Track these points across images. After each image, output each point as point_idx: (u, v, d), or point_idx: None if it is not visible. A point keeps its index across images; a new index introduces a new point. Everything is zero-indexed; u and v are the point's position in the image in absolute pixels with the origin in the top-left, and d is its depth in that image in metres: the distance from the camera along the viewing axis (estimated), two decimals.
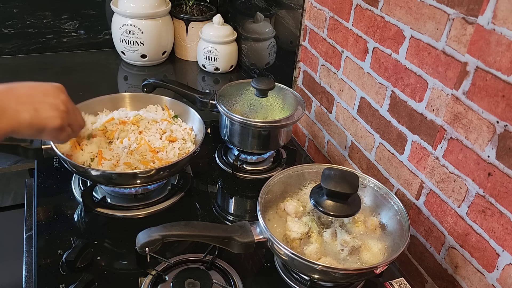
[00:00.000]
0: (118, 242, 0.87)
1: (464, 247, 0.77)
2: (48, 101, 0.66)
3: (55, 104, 0.67)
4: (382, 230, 0.80)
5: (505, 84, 0.64)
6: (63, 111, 0.68)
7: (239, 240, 0.73)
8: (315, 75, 1.19)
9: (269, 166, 1.11)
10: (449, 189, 0.79)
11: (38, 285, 0.76)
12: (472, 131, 0.71)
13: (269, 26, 1.39)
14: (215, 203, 1.00)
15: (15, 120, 0.62)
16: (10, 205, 1.27)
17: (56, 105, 0.67)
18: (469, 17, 0.69)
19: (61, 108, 0.67)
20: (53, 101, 0.67)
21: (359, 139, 1.04)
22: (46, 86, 0.69)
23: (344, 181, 0.73)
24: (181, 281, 0.74)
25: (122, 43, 1.56)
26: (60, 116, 0.67)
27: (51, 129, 0.67)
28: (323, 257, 0.73)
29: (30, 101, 0.65)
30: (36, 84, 0.68)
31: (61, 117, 0.67)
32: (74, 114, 0.72)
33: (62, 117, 0.68)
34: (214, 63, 1.60)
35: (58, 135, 0.70)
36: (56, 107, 0.67)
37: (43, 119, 0.65)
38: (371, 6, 0.91)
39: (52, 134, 0.69)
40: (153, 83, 1.10)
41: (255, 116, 0.99)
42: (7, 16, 1.53)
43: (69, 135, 0.73)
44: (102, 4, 1.64)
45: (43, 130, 0.67)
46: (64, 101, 0.69)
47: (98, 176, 0.86)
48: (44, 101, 0.66)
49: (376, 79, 0.94)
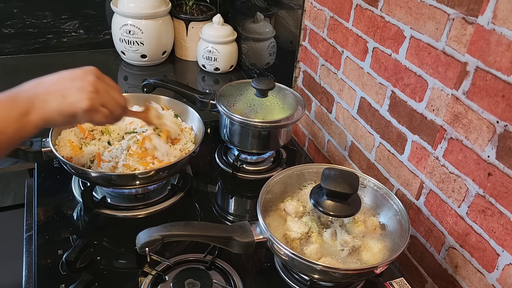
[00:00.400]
0: (118, 242, 0.87)
1: (464, 247, 0.77)
2: (74, 85, 0.65)
3: (82, 87, 0.66)
4: (382, 230, 0.80)
5: (505, 84, 0.64)
6: (91, 91, 0.66)
7: (239, 240, 0.73)
8: (315, 75, 1.19)
9: (269, 166, 1.11)
10: (449, 189, 0.78)
11: (38, 285, 0.76)
12: (472, 131, 0.71)
13: (269, 26, 1.39)
14: (215, 203, 1.00)
15: (44, 110, 0.63)
16: (10, 205, 1.27)
17: (83, 87, 0.66)
18: (469, 17, 0.69)
19: (88, 89, 0.66)
20: (80, 84, 0.66)
21: (359, 139, 1.04)
22: (75, 71, 0.68)
23: (344, 181, 0.73)
24: (181, 281, 0.74)
25: (122, 43, 1.56)
26: (88, 97, 0.65)
27: (82, 112, 0.65)
28: (323, 257, 0.73)
29: (57, 89, 0.65)
30: (65, 71, 0.67)
31: (89, 97, 0.65)
32: (107, 93, 0.69)
33: (90, 97, 0.66)
34: (214, 63, 1.60)
35: (93, 117, 0.68)
36: (83, 89, 0.65)
37: (71, 104, 0.64)
38: (371, 6, 0.91)
39: (85, 117, 0.67)
40: (153, 83, 1.10)
41: (255, 116, 0.99)
42: (7, 16, 1.53)
43: (107, 116, 0.70)
44: (102, 4, 1.64)
45: (75, 115, 0.65)
46: (92, 82, 0.67)
47: (98, 177, 0.86)
48: (70, 86, 0.65)
49: (376, 79, 0.94)
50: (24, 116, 0.61)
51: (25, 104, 0.62)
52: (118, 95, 0.73)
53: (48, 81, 0.66)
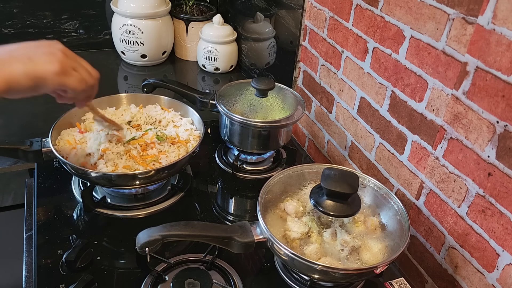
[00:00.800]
0: (118, 242, 0.87)
1: (464, 247, 0.77)
2: (42, 50, 0.62)
3: (50, 52, 0.62)
4: (382, 230, 0.80)
5: (505, 84, 0.64)
6: (61, 56, 0.63)
7: (239, 240, 0.73)
8: (315, 75, 1.19)
9: (269, 166, 1.11)
10: (449, 189, 0.78)
11: (38, 285, 0.76)
12: (472, 131, 0.71)
13: (269, 26, 1.39)
14: (215, 203, 1.00)
15: (8, 72, 0.58)
16: (10, 205, 1.27)
17: (51, 52, 0.62)
18: (469, 17, 0.69)
19: (57, 54, 0.62)
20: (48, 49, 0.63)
21: (359, 139, 1.04)
22: (41, 41, 0.65)
23: (344, 181, 0.73)
24: (181, 281, 0.74)
25: (122, 43, 1.56)
26: (57, 59, 0.62)
27: (52, 74, 0.61)
28: (323, 257, 0.73)
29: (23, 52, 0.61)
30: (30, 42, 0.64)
31: (58, 60, 0.62)
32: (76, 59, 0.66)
33: (61, 60, 0.62)
34: (214, 63, 1.60)
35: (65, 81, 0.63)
36: (51, 53, 0.62)
37: (39, 65, 0.60)
38: (371, 6, 0.91)
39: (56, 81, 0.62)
40: (153, 83, 1.10)
41: (255, 116, 0.99)
42: (7, 16, 1.53)
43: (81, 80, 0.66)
44: (102, 4, 1.64)
45: (44, 78, 0.61)
46: (61, 49, 0.64)
47: (98, 177, 0.86)
48: (37, 51, 0.62)
49: (376, 79, 0.94)
50: None
51: None
52: (89, 65, 0.70)
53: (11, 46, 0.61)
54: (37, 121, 1.24)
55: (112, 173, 0.87)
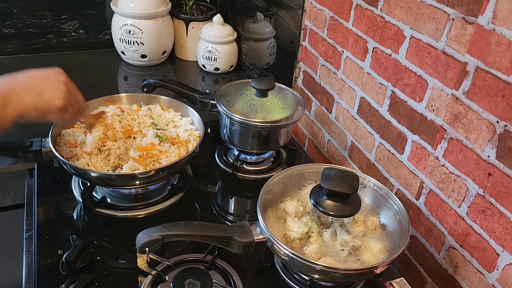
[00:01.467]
0: (118, 242, 0.87)
1: (464, 247, 0.77)
2: (50, 83, 0.71)
3: (56, 85, 0.72)
4: (382, 230, 0.80)
5: (505, 84, 0.64)
6: (65, 91, 0.73)
7: (239, 240, 0.73)
8: (315, 75, 1.19)
9: (269, 166, 1.11)
10: (449, 189, 0.78)
11: (38, 285, 0.76)
12: (472, 131, 0.71)
13: (269, 26, 1.39)
14: (215, 203, 1.00)
15: (21, 105, 0.67)
16: (10, 205, 1.27)
17: (57, 86, 0.72)
18: (469, 17, 0.69)
19: (62, 89, 0.72)
20: (55, 83, 0.72)
21: (359, 139, 1.04)
22: (47, 71, 0.74)
23: (344, 181, 0.73)
24: (181, 281, 0.74)
25: (122, 43, 1.56)
26: (62, 96, 0.72)
27: (55, 109, 0.71)
28: (323, 257, 0.73)
29: (33, 86, 0.70)
30: (36, 70, 0.73)
31: (63, 97, 0.72)
32: (75, 96, 0.77)
33: (64, 97, 0.72)
34: (214, 63, 1.60)
35: (62, 115, 0.74)
36: (58, 88, 0.72)
37: (47, 101, 0.70)
38: (371, 6, 0.91)
39: (56, 115, 0.73)
40: (153, 83, 1.10)
41: (255, 116, 0.99)
42: (7, 16, 1.53)
43: (72, 115, 0.77)
44: (102, 4, 1.64)
45: (47, 111, 0.71)
46: (65, 82, 0.73)
47: (98, 177, 0.86)
48: (46, 84, 0.71)
49: (376, 79, 0.94)
50: (1, 109, 0.65)
51: (2, 99, 0.66)
52: (81, 98, 0.80)
53: (22, 78, 0.71)
54: None
55: (112, 173, 0.87)
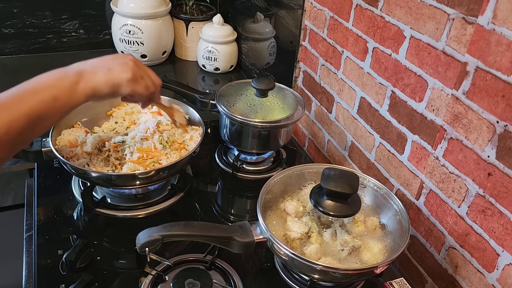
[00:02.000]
0: (118, 242, 0.87)
1: (464, 247, 0.77)
2: (118, 61, 0.76)
3: (124, 62, 0.76)
4: (382, 230, 0.80)
5: (505, 84, 0.64)
6: (132, 65, 0.76)
7: (239, 240, 0.73)
8: (315, 75, 1.19)
9: (269, 166, 1.11)
10: (449, 189, 0.79)
11: (38, 285, 0.76)
12: (472, 131, 0.71)
13: (269, 26, 1.39)
14: (215, 203, 1.00)
15: (93, 80, 0.71)
16: (10, 205, 1.27)
17: (125, 62, 0.76)
18: (469, 17, 0.69)
19: (130, 64, 0.76)
20: (123, 60, 0.77)
21: (359, 139, 1.04)
22: (115, 54, 0.79)
23: (344, 181, 0.73)
24: (181, 281, 0.74)
25: (122, 43, 1.56)
26: (130, 68, 0.75)
27: (126, 81, 0.74)
28: (323, 257, 0.73)
29: (103, 64, 0.74)
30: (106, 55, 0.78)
31: (131, 69, 0.75)
32: (144, 68, 0.80)
33: (132, 69, 0.76)
34: (214, 63, 1.60)
35: (134, 87, 0.76)
36: (126, 63, 0.76)
37: (116, 74, 0.74)
38: (371, 6, 0.91)
39: (128, 87, 0.76)
40: None
41: (255, 116, 0.99)
42: (7, 16, 1.53)
43: (147, 87, 0.79)
44: (102, 4, 1.64)
45: (120, 84, 0.74)
46: (132, 59, 0.77)
47: (98, 177, 0.86)
48: (114, 62, 0.75)
49: (376, 79, 0.94)
50: (74, 84, 0.70)
51: (75, 76, 0.71)
52: (154, 75, 0.82)
53: (93, 60, 0.75)
54: None
55: (112, 173, 0.87)
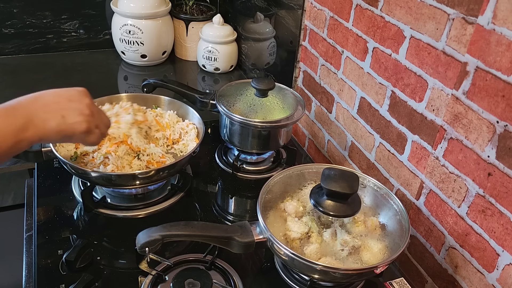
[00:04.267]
0: (118, 242, 0.87)
1: (464, 247, 0.77)
2: (73, 106, 0.68)
3: (80, 109, 0.68)
4: (382, 230, 0.80)
5: (505, 84, 0.64)
6: (88, 115, 0.69)
7: (239, 240, 0.73)
8: (315, 75, 1.19)
9: (269, 166, 1.11)
10: (449, 189, 0.79)
11: (38, 285, 0.76)
12: (472, 131, 0.71)
13: (269, 26, 1.39)
14: (215, 203, 1.00)
15: (42, 128, 0.64)
16: (10, 205, 1.27)
17: (81, 109, 0.68)
18: (469, 17, 0.69)
19: (86, 112, 0.69)
20: (78, 106, 0.68)
21: (359, 139, 1.04)
22: (70, 92, 0.70)
23: (344, 181, 0.73)
24: (181, 281, 0.74)
25: (122, 43, 1.56)
26: (86, 120, 0.68)
27: (79, 133, 0.68)
28: (323, 257, 0.73)
29: (56, 108, 0.66)
30: (60, 90, 0.69)
31: (87, 120, 0.68)
32: (99, 116, 0.73)
33: (88, 120, 0.69)
34: (214, 63, 1.60)
35: (87, 138, 0.71)
36: (81, 111, 0.68)
37: (70, 125, 0.67)
38: (371, 6, 0.91)
39: (81, 138, 0.70)
40: (153, 83, 1.10)
41: (255, 116, 0.99)
42: (7, 16, 1.53)
43: (99, 137, 0.74)
44: (102, 4, 1.64)
45: (71, 136, 0.68)
46: (89, 105, 0.70)
47: (98, 177, 0.86)
48: (69, 107, 0.67)
49: (376, 79, 0.94)
50: (21, 132, 0.61)
51: (24, 120, 0.62)
52: (105, 117, 0.77)
53: (46, 98, 0.66)
54: None
55: (112, 173, 0.87)
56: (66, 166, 0.87)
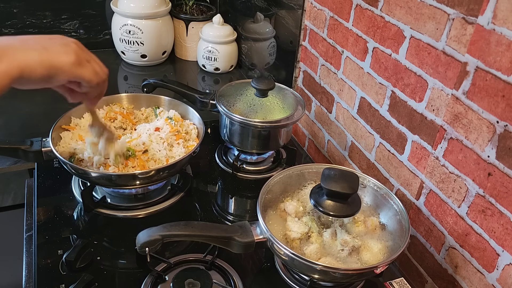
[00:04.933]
0: (118, 242, 0.87)
1: (464, 247, 0.77)
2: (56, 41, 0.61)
3: (64, 43, 0.61)
4: (382, 230, 0.80)
5: (505, 84, 0.64)
6: (75, 47, 0.62)
7: (239, 240, 0.73)
8: (315, 75, 1.19)
9: (269, 166, 1.11)
10: (449, 189, 0.79)
11: (38, 285, 0.76)
12: (472, 131, 0.71)
13: (269, 26, 1.39)
14: (215, 203, 1.00)
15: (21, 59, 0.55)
16: (10, 205, 1.27)
17: (66, 43, 0.61)
18: (469, 17, 0.69)
19: (72, 45, 0.61)
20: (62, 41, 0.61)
21: (359, 139, 1.04)
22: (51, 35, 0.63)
23: (344, 181, 0.73)
24: (181, 281, 0.74)
25: (122, 43, 1.56)
26: (73, 50, 0.61)
27: (68, 65, 0.60)
28: (323, 257, 0.73)
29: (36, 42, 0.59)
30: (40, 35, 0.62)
31: (74, 51, 0.61)
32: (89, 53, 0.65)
33: (76, 51, 0.61)
34: (214, 63, 1.60)
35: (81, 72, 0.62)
36: (66, 44, 0.61)
37: (55, 54, 0.59)
38: (371, 6, 0.91)
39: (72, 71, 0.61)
40: (153, 83, 1.10)
41: (255, 116, 0.99)
42: (7, 16, 1.53)
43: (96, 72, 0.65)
44: (102, 4, 1.64)
45: (59, 67, 0.59)
46: (74, 41, 0.63)
47: (98, 177, 0.86)
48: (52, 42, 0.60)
49: (376, 79, 0.94)
50: None
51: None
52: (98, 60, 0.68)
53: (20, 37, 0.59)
54: (37, 121, 1.24)
55: (112, 173, 0.87)
56: (66, 166, 0.87)
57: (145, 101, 1.08)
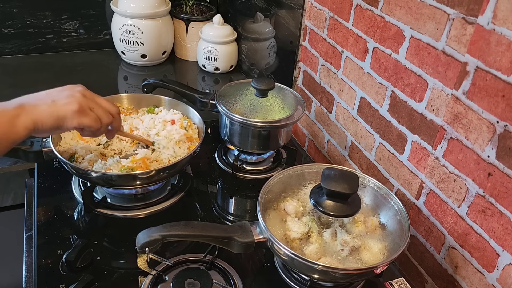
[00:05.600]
0: (118, 242, 0.87)
1: (464, 247, 0.77)
2: (64, 93, 0.71)
3: (70, 94, 0.71)
4: (382, 230, 0.80)
5: (505, 84, 0.64)
6: (79, 96, 0.72)
7: (239, 240, 0.73)
8: (315, 75, 1.19)
9: (269, 166, 1.11)
10: (449, 189, 0.79)
11: (38, 285, 0.76)
12: (472, 131, 0.71)
13: (269, 26, 1.39)
14: (215, 203, 1.00)
15: (35, 113, 0.67)
16: (10, 205, 1.27)
17: (71, 94, 0.71)
18: (469, 17, 0.69)
19: (76, 95, 0.71)
20: (69, 92, 0.72)
21: (359, 139, 1.04)
22: (63, 86, 0.74)
23: (344, 181, 0.73)
24: (181, 281, 0.74)
25: (122, 43, 1.57)
26: (77, 100, 0.71)
27: (71, 113, 0.70)
28: (323, 257, 0.73)
29: (47, 96, 0.70)
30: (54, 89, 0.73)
31: (77, 101, 0.71)
32: (93, 99, 0.75)
33: (79, 101, 0.71)
34: (214, 63, 1.60)
35: (82, 120, 0.72)
36: (72, 95, 0.71)
37: (61, 106, 0.69)
38: (371, 6, 0.91)
39: (75, 119, 0.71)
40: (153, 83, 1.10)
41: (255, 116, 0.99)
42: (7, 16, 1.53)
43: (96, 119, 0.74)
44: (102, 4, 1.64)
45: (64, 117, 0.70)
46: (80, 91, 0.72)
47: (98, 178, 0.86)
48: (60, 95, 0.71)
49: (376, 79, 0.94)
50: (14, 118, 0.66)
51: (15, 109, 0.67)
52: (107, 103, 0.78)
53: (37, 93, 0.71)
54: None
55: (113, 173, 0.87)
56: (66, 166, 0.87)
57: (145, 101, 1.08)
